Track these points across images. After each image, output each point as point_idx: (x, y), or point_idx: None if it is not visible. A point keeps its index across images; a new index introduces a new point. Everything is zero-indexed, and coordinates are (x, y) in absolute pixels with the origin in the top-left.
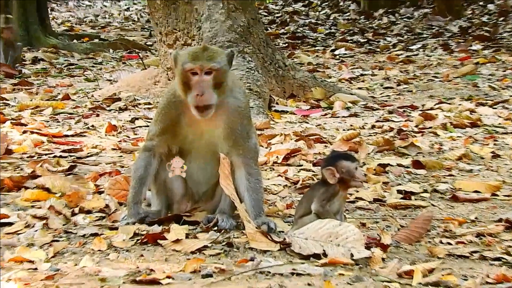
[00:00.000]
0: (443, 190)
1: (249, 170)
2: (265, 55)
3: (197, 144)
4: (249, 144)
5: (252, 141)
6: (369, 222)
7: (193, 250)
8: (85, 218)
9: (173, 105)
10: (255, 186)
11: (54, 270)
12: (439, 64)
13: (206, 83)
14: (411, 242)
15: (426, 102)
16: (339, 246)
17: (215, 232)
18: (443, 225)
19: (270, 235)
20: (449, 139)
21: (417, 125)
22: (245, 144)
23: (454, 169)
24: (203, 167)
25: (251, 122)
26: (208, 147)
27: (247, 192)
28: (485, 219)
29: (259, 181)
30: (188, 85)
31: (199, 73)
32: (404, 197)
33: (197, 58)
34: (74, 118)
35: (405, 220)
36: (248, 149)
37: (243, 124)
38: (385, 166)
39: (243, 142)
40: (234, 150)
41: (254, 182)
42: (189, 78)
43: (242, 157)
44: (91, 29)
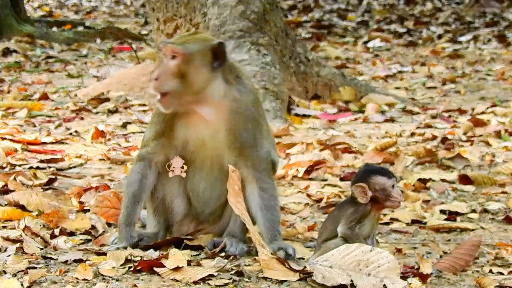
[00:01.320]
0: (495, 210)
1: (262, 184)
2: (283, 48)
3: (201, 154)
4: (259, 153)
5: (263, 149)
6: (406, 248)
7: (196, 280)
8: (67, 242)
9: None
10: (270, 204)
11: None
12: (493, 60)
13: (167, 68)
14: (455, 272)
15: (476, 105)
16: (370, 275)
17: (222, 258)
18: (493, 252)
19: (287, 263)
20: (503, 149)
21: (465, 133)
22: (253, 154)
23: (508, 186)
24: (211, 182)
25: (262, 126)
26: (213, 157)
27: (260, 212)
28: None
29: (275, 198)
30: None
31: (166, 56)
32: (448, 218)
33: (169, 40)
34: (53, 122)
35: (448, 245)
36: (258, 159)
37: (247, 128)
38: (426, 181)
39: (251, 151)
40: (241, 161)
41: (268, 199)
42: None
43: (252, 169)
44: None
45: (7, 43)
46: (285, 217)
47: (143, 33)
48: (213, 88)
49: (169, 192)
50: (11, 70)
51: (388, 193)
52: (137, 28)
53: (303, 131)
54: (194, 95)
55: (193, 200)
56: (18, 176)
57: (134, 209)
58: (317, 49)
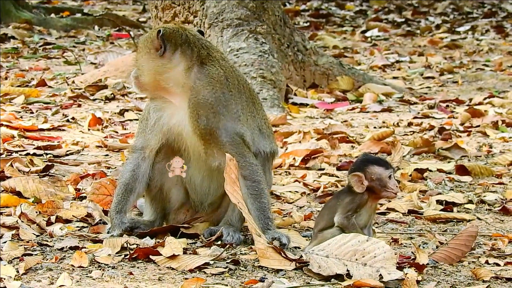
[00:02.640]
0: (492, 201)
1: (241, 172)
2: (281, 36)
3: (184, 144)
4: (221, 136)
5: (228, 131)
6: (403, 238)
7: (192, 268)
8: (63, 229)
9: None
10: (254, 191)
11: None
12: (491, 50)
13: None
14: (451, 262)
15: (474, 95)
16: (366, 265)
17: (219, 247)
18: (490, 243)
19: (284, 252)
20: (500, 140)
21: (462, 123)
22: (215, 138)
23: (505, 176)
24: (208, 174)
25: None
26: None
27: (248, 201)
28: None
29: (258, 183)
30: None
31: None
32: (444, 208)
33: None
34: (51, 108)
35: (445, 236)
36: (224, 143)
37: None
38: (423, 171)
39: (212, 136)
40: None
41: (252, 186)
42: None
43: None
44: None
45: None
46: (282, 206)
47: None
48: (170, 77)
49: (167, 181)
50: (9, 56)
51: (384, 184)
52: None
53: (300, 120)
54: (154, 84)
55: (190, 192)
56: (14, 162)
57: (125, 197)
58: (315, 38)
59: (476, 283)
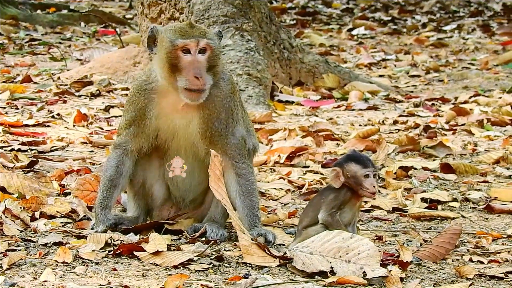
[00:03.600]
0: (476, 199)
1: (238, 170)
2: (267, 34)
3: (174, 144)
4: (230, 140)
5: (235, 136)
6: (387, 236)
7: (175, 264)
8: (47, 224)
9: (143, 92)
10: (247, 189)
11: (9, 285)
12: (477, 49)
13: (202, 63)
14: (435, 260)
15: (459, 94)
16: (350, 262)
17: (203, 243)
18: (474, 241)
19: (268, 248)
20: (485, 138)
21: (447, 122)
22: (224, 141)
23: (490, 175)
24: (189, 171)
25: (236, 114)
26: (187, 146)
27: (238, 198)
28: None
29: (252, 183)
30: (177, 66)
31: (192, 51)
32: (429, 206)
33: (189, 34)
34: (36, 104)
35: (429, 233)
36: (230, 146)
37: (220, 118)
38: (408, 169)
39: (222, 138)
40: (214, 149)
41: (246, 184)
42: (179, 57)
43: (226, 156)
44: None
45: None
46: (266, 203)
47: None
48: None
49: (149, 177)
50: None
51: (359, 182)
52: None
53: (286, 118)
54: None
55: (172, 189)
56: None
57: (110, 194)
58: (301, 35)
59: (459, 281)
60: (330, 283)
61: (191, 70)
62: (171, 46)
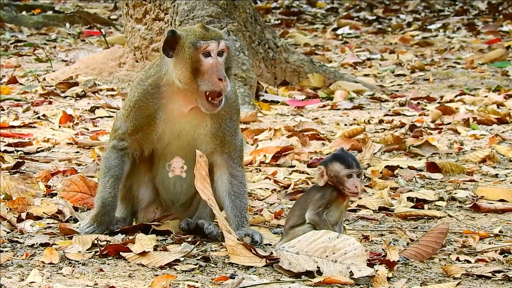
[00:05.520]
0: (462, 198)
1: (233, 171)
2: (252, 34)
3: (175, 146)
4: (236, 142)
5: (239, 138)
6: (373, 235)
7: (162, 265)
8: (33, 225)
9: (151, 97)
10: (239, 190)
11: None
12: (462, 48)
13: (223, 65)
14: (422, 259)
15: (445, 93)
16: (337, 262)
17: (189, 244)
18: (461, 240)
19: (254, 248)
20: (471, 137)
21: (433, 121)
22: (232, 142)
23: (476, 174)
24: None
25: (238, 114)
26: (187, 148)
27: (228, 198)
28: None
29: (244, 185)
30: (199, 69)
31: (213, 54)
32: (415, 205)
33: (207, 36)
34: (21, 105)
35: (416, 233)
36: (234, 147)
37: (232, 119)
38: (394, 168)
39: (231, 139)
40: (219, 149)
41: (238, 186)
42: (200, 60)
43: (227, 156)
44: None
45: None
46: (252, 203)
47: (112, 17)
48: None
49: (136, 181)
50: None
51: (342, 182)
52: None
53: (271, 117)
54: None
55: (162, 192)
56: None
57: (117, 192)
58: (286, 35)
59: (446, 280)
60: (317, 283)
61: (214, 72)
62: (193, 50)
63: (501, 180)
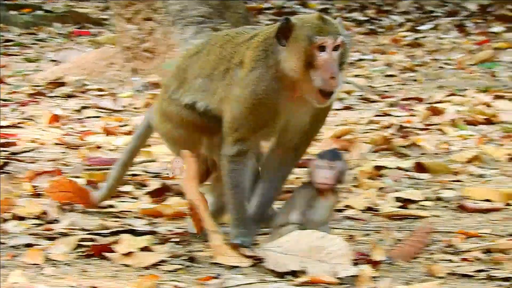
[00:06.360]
0: (449, 198)
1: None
2: None
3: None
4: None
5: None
6: (359, 235)
7: (147, 265)
8: (17, 226)
9: (273, 93)
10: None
11: None
12: (453, 49)
13: (336, 61)
14: (407, 259)
15: (434, 93)
16: (322, 262)
17: (175, 244)
18: (446, 239)
19: (240, 249)
20: (459, 138)
21: (422, 121)
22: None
23: (463, 174)
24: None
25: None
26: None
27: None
28: (496, 233)
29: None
30: (312, 63)
31: (329, 49)
32: (402, 205)
33: (325, 30)
34: (8, 105)
35: (402, 232)
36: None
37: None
38: (382, 168)
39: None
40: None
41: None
42: (314, 54)
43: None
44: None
45: None
46: None
47: (103, 17)
48: None
49: None
50: None
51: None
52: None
53: None
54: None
55: None
56: None
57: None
58: None
59: (430, 279)
60: (302, 283)
61: (328, 69)
62: (308, 44)
63: (487, 180)
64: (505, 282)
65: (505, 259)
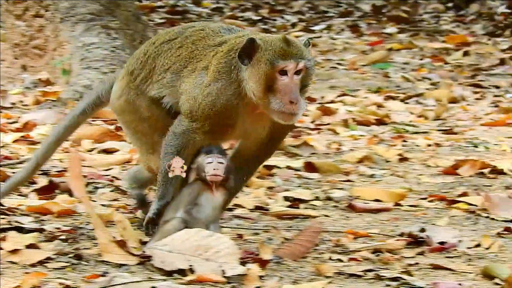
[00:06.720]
0: (339, 198)
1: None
2: (134, 32)
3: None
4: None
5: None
6: (248, 234)
7: (33, 263)
8: None
9: (233, 109)
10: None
11: None
12: (346, 49)
13: (297, 85)
14: (295, 258)
15: (326, 93)
16: (209, 261)
17: (62, 241)
18: (334, 239)
19: (127, 246)
20: (350, 138)
21: (313, 121)
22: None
23: (353, 174)
24: None
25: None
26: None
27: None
28: (385, 233)
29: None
30: (272, 87)
31: (290, 73)
32: (291, 205)
33: (287, 54)
34: None
35: (291, 232)
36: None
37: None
38: (271, 168)
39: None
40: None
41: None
42: (275, 78)
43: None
44: None
45: None
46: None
47: None
48: None
49: None
50: None
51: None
52: None
53: None
54: None
55: None
56: None
57: None
58: None
59: (318, 279)
60: (189, 281)
61: (287, 94)
62: (270, 68)
63: (377, 180)
64: (394, 282)
65: (394, 259)
